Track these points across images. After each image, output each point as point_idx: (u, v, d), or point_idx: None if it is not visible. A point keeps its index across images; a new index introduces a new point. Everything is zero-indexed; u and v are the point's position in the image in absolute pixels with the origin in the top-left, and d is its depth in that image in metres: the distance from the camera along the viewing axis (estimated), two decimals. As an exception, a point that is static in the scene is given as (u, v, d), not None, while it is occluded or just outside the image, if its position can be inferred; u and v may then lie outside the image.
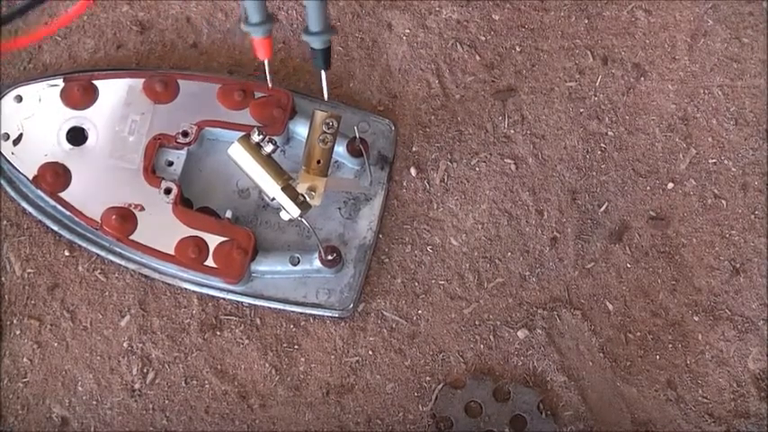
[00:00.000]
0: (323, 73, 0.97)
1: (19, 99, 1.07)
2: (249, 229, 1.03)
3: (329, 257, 1.03)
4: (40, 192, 1.05)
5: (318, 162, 1.00)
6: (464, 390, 1.06)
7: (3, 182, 1.07)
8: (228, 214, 1.05)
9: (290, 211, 0.95)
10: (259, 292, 1.06)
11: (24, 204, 1.07)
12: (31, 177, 1.04)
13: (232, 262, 1.02)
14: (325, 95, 0.99)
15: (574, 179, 1.12)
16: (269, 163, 0.95)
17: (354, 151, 1.06)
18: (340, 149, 1.06)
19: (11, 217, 1.08)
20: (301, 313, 1.07)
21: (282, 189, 0.94)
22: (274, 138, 1.01)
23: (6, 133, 1.06)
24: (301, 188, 0.98)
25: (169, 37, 1.14)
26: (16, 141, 1.06)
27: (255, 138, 0.94)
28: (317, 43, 0.95)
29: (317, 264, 1.04)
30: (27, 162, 1.05)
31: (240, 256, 1.02)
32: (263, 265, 1.04)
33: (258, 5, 0.91)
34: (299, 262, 1.04)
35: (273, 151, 0.95)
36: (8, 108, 1.07)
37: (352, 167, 1.09)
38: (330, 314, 1.06)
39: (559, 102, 1.14)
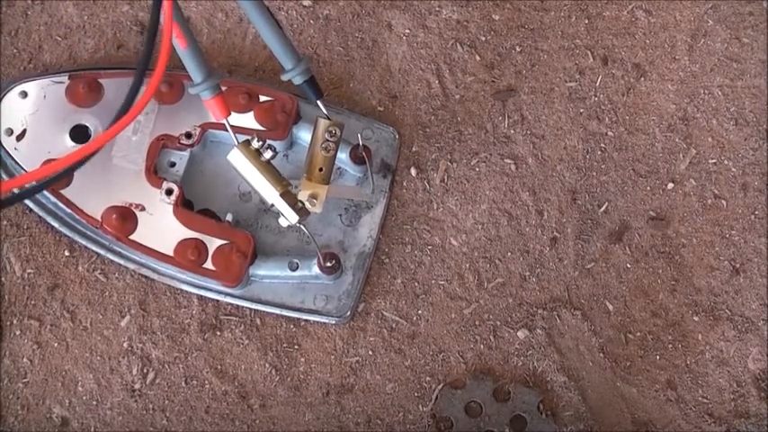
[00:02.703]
0: (319, 102, 0.97)
1: (24, 95, 1.07)
2: (249, 233, 1.03)
3: (328, 264, 1.02)
4: (41, 188, 1.05)
5: (320, 170, 0.99)
6: (464, 390, 1.06)
7: (4, 177, 1.07)
8: (229, 217, 1.04)
9: (289, 217, 0.94)
10: (257, 296, 1.06)
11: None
12: (32, 173, 1.04)
13: (231, 265, 1.02)
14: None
15: (574, 179, 1.12)
16: (268, 169, 0.93)
17: (357, 158, 1.05)
18: (343, 156, 1.05)
19: (11, 217, 1.08)
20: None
21: (281, 195, 0.93)
22: (277, 143, 1.01)
23: (10, 128, 1.06)
24: (303, 195, 0.97)
25: (169, 37, 1.14)
26: (20, 137, 1.06)
27: (255, 144, 0.93)
28: (297, 78, 0.95)
29: (316, 270, 1.03)
30: (30, 158, 1.05)
31: (239, 259, 1.02)
32: (261, 270, 1.04)
33: (196, 60, 0.89)
34: (297, 267, 1.04)
35: (273, 157, 0.94)
36: (13, 103, 1.07)
37: (355, 174, 1.08)
38: (327, 321, 1.06)
39: (559, 102, 1.14)
